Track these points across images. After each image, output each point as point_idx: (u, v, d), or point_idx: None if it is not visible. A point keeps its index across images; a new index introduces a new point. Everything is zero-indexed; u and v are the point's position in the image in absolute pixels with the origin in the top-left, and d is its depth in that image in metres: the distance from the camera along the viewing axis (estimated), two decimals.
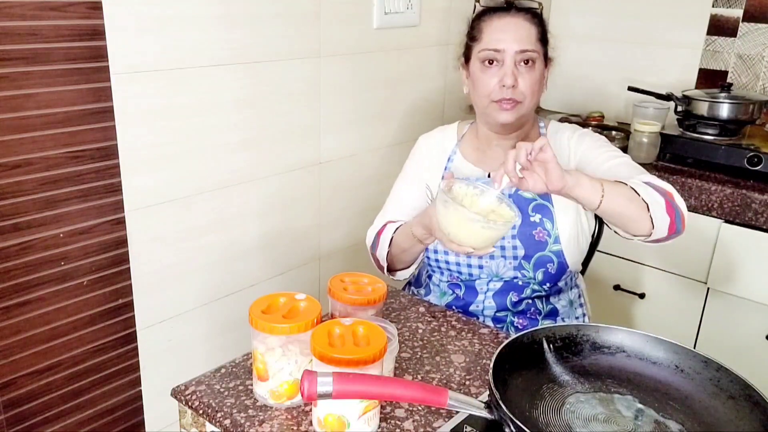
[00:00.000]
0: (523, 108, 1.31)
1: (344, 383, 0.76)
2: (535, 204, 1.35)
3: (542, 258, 1.34)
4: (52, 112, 1.25)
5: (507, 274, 1.36)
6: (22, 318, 1.30)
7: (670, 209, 1.18)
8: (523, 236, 1.34)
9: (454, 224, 1.08)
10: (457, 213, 1.06)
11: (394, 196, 1.51)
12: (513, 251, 1.35)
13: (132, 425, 1.56)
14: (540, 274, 1.35)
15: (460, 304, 1.41)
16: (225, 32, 1.48)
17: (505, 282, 1.37)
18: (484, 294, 1.39)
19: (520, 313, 1.39)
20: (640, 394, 0.88)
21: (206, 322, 1.64)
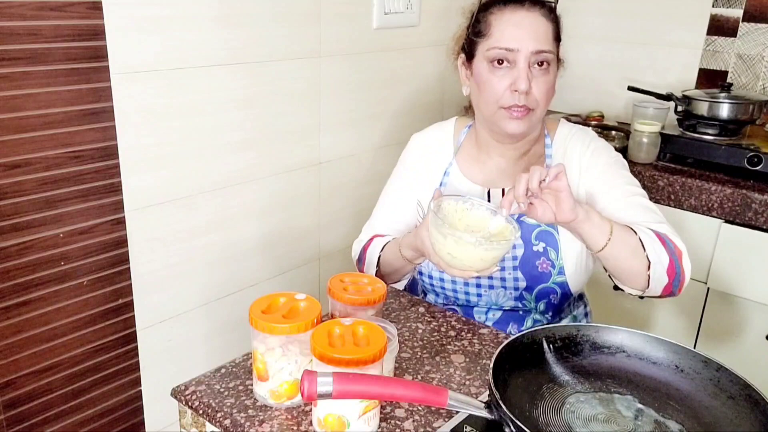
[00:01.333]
0: (535, 116, 1.18)
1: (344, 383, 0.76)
2: (539, 231, 1.24)
3: (545, 290, 1.25)
4: (52, 112, 1.25)
5: (507, 304, 1.28)
6: (22, 318, 1.30)
7: (671, 270, 1.10)
8: (525, 267, 1.24)
9: (453, 249, 1.02)
10: (455, 237, 1.01)
11: (382, 207, 1.39)
12: (514, 282, 1.25)
13: (132, 425, 1.56)
14: (542, 305, 1.27)
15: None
16: (225, 32, 1.48)
17: (505, 312, 1.29)
18: (483, 324, 1.33)
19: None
20: (640, 394, 0.88)
21: (206, 322, 1.64)
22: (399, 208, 1.36)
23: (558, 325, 0.96)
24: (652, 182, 1.82)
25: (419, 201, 1.34)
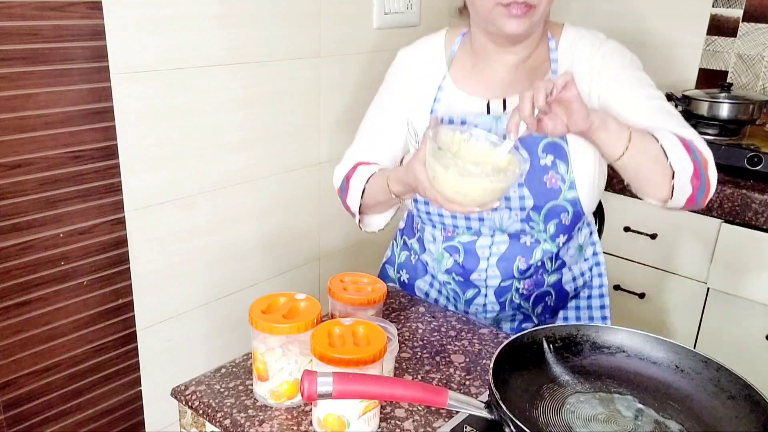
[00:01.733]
0: (536, 15, 1.07)
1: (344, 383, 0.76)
2: (545, 143, 1.12)
3: (555, 208, 1.13)
4: (52, 112, 1.25)
5: (512, 228, 1.16)
6: (22, 318, 1.30)
7: (696, 179, 1.02)
8: (531, 183, 1.12)
9: (455, 182, 0.93)
10: (458, 168, 0.91)
11: (367, 129, 1.26)
12: (520, 201, 1.14)
13: (132, 425, 1.56)
14: (552, 226, 1.15)
15: (459, 272, 1.23)
16: (225, 32, 1.48)
17: (511, 240, 1.18)
18: (487, 261, 1.20)
19: (526, 277, 1.22)
20: (640, 394, 0.88)
21: (206, 322, 1.64)
22: (386, 131, 1.24)
23: (558, 325, 0.96)
24: None
25: (410, 121, 1.22)
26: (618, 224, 1.91)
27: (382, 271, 1.44)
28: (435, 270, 1.28)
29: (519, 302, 1.25)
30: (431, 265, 1.28)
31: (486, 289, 1.23)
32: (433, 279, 1.31)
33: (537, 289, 1.23)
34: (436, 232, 1.24)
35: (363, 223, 1.27)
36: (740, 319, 1.77)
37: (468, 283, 1.24)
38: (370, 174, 1.18)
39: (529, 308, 1.26)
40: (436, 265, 1.27)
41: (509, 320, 1.29)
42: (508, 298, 1.24)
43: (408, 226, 1.36)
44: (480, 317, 1.28)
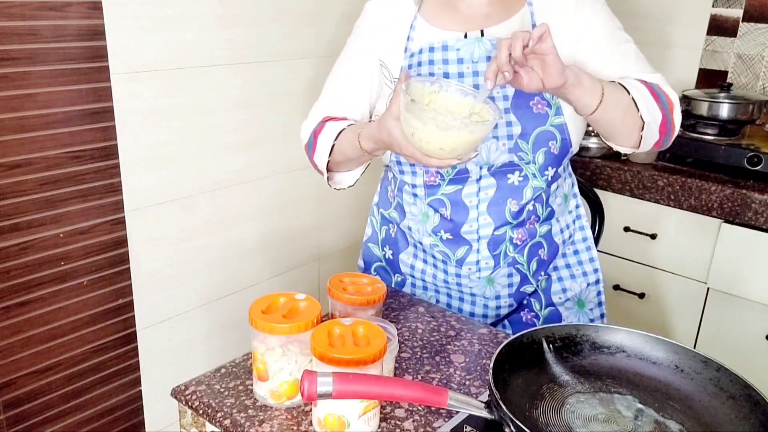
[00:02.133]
0: None
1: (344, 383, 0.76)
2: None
3: (543, 134, 1.12)
4: (52, 112, 1.25)
5: (500, 159, 1.13)
6: (22, 318, 1.30)
7: (663, 127, 1.06)
8: (518, 109, 1.11)
9: (434, 136, 0.91)
10: (436, 121, 0.90)
11: (334, 82, 1.23)
12: (507, 129, 1.12)
13: (132, 425, 1.56)
14: (541, 155, 1.13)
15: (449, 227, 1.18)
16: (225, 32, 1.48)
17: (498, 182, 1.14)
18: (477, 209, 1.16)
19: (520, 224, 1.18)
20: (640, 394, 0.88)
21: (206, 322, 1.64)
22: (355, 81, 1.20)
23: (558, 325, 0.96)
24: (652, 182, 1.82)
25: (383, 62, 1.19)
26: (618, 224, 1.91)
27: (366, 251, 1.37)
28: (419, 234, 1.23)
29: (513, 255, 1.20)
30: (415, 229, 1.23)
31: (478, 243, 1.18)
32: (416, 248, 1.26)
33: (530, 239, 1.20)
34: (418, 189, 1.19)
35: (332, 180, 1.23)
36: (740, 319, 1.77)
37: (458, 239, 1.18)
38: (340, 130, 1.15)
39: (524, 262, 1.22)
40: (420, 227, 1.22)
41: (506, 280, 1.22)
42: (502, 251, 1.19)
43: (383, 197, 1.32)
44: (473, 278, 1.22)
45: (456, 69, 1.13)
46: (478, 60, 1.12)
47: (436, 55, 1.14)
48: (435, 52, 1.14)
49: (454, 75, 1.12)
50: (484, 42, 1.13)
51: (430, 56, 1.14)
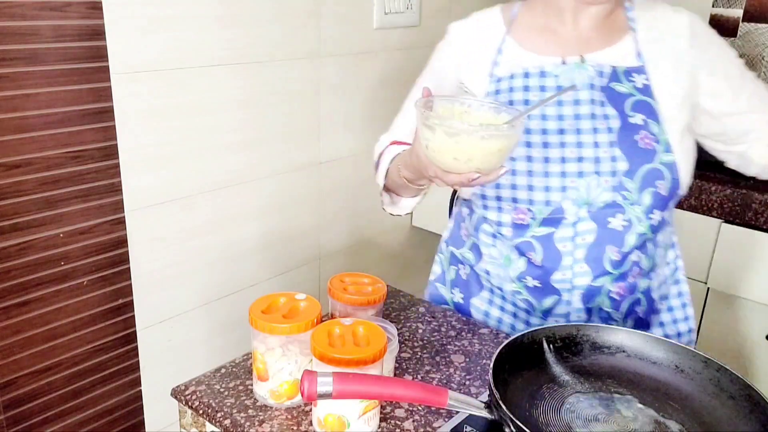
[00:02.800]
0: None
1: (344, 383, 0.76)
2: (633, 101, 1.03)
3: (651, 172, 1.01)
4: (52, 112, 1.25)
5: (601, 199, 1.01)
6: (22, 318, 1.30)
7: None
8: (623, 143, 1.01)
9: (445, 144, 0.85)
10: (444, 127, 0.84)
11: (405, 106, 1.20)
12: (611, 164, 1.01)
13: (132, 425, 1.56)
14: (647, 196, 1.01)
15: (537, 274, 1.06)
16: (225, 32, 1.48)
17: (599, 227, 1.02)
18: (572, 255, 1.03)
19: (621, 276, 1.06)
20: (640, 394, 0.88)
21: (206, 322, 1.64)
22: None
23: (558, 325, 0.96)
24: None
25: (463, 83, 1.11)
26: None
27: (432, 291, 1.29)
28: (500, 279, 1.12)
29: (609, 311, 1.08)
30: (494, 274, 1.12)
31: (570, 294, 1.06)
32: (493, 294, 1.15)
33: (630, 294, 1.07)
34: (503, 228, 1.07)
35: (394, 204, 1.17)
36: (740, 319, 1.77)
37: (547, 288, 1.06)
38: (395, 155, 1.10)
39: (619, 319, 1.10)
40: (501, 272, 1.11)
41: None
42: (596, 305, 1.07)
43: (454, 234, 1.22)
44: None
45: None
46: (581, 87, 1.03)
47: (532, 81, 1.05)
48: (530, 78, 1.05)
49: (553, 103, 1.04)
50: (586, 68, 1.04)
51: (525, 82, 1.05)
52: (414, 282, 2.30)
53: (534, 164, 1.03)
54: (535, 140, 1.03)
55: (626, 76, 1.04)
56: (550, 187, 1.02)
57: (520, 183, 1.03)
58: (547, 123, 1.03)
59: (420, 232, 2.22)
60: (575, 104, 1.03)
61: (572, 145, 1.02)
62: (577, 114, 1.03)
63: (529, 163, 1.03)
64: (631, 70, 1.04)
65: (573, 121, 1.03)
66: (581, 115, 1.03)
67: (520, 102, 1.05)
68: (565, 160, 1.02)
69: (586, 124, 1.02)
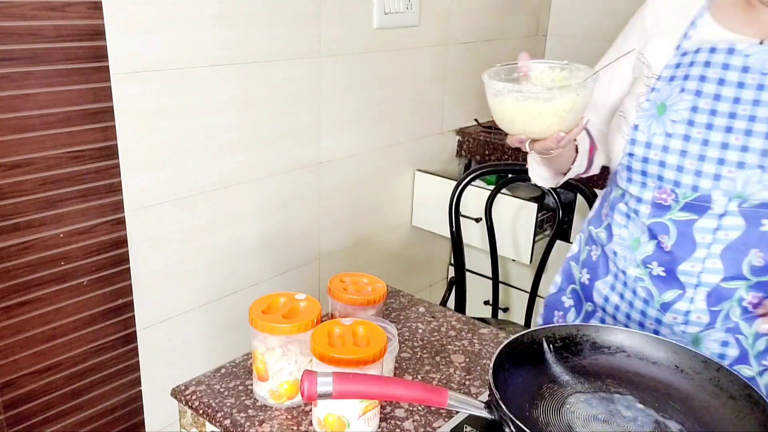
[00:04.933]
0: None
1: (344, 383, 0.76)
2: None
3: None
4: (52, 112, 1.25)
5: (759, 195, 0.91)
6: (22, 318, 1.30)
7: None
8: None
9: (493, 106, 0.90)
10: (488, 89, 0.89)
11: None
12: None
13: (132, 425, 1.56)
14: None
15: (665, 260, 0.99)
16: (225, 32, 1.48)
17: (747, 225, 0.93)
18: (707, 249, 0.95)
19: (761, 286, 0.95)
20: (640, 394, 0.88)
21: (206, 322, 1.64)
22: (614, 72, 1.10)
23: (558, 326, 0.96)
24: None
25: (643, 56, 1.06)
26: None
27: (566, 269, 1.23)
28: (625, 262, 1.05)
29: (738, 321, 0.97)
30: (620, 256, 1.06)
31: (695, 291, 0.97)
32: (616, 279, 1.09)
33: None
34: (642, 205, 1.01)
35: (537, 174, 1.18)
36: None
37: (671, 279, 0.99)
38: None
39: (750, 336, 0.98)
40: (628, 254, 1.04)
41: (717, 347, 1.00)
42: (724, 310, 0.97)
43: (597, 213, 1.17)
44: (676, 330, 1.02)
45: (737, 77, 0.95)
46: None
47: (717, 58, 0.96)
48: (716, 54, 0.97)
49: (732, 83, 0.95)
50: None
51: (709, 57, 0.97)
52: (414, 282, 2.30)
53: (690, 144, 0.96)
54: (699, 119, 0.96)
55: None
56: (702, 172, 0.95)
57: (670, 161, 0.97)
58: (719, 103, 0.95)
59: (420, 232, 2.22)
60: (758, 89, 0.94)
61: (740, 132, 0.93)
62: (757, 100, 0.93)
63: (685, 142, 0.96)
64: None
65: (749, 107, 0.93)
66: (761, 101, 0.93)
67: (695, 79, 0.97)
68: (728, 147, 0.93)
69: (763, 112, 0.93)
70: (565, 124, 0.89)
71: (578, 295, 1.19)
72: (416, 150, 2.10)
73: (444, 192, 1.94)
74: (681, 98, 0.97)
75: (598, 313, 1.14)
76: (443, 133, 2.18)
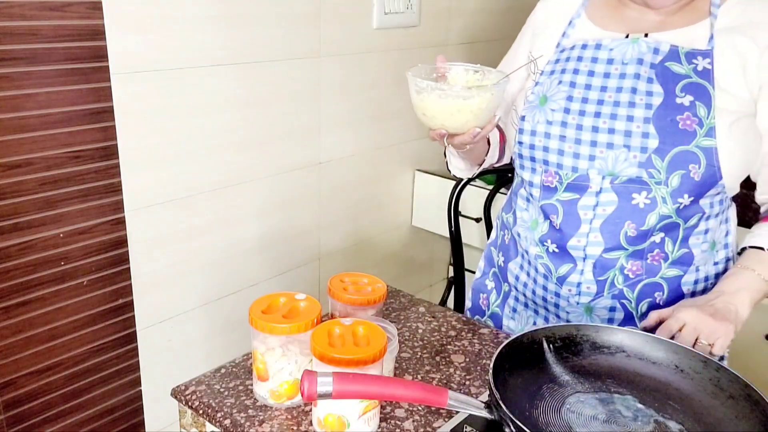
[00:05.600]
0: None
1: (344, 383, 0.76)
2: (687, 83, 1.02)
3: (683, 154, 1.00)
4: (52, 112, 1.25)
5: (627, 172, 1.03)
6: (22, 318, 1.30)
7: None
8: (660, 121, 1.01)
9: (414, 101, 1.00)
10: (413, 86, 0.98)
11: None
12: (642, 140, 1.02)
13: (132, 425, 1.56)
14: (675, 178, 1.01)
15: (556, 237, 1.10)
16: (225, 32, 1.48)
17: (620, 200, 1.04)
18: (590, 224, 1.06)
19: (637, 254, 1.07)
20: (640, 394, 0.88)
21: (206, 322, 1.64)
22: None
23: (558, 325, 0.96)
24: None
25: (531, 54, 1.18)
26: None
27: (487, 254, 1.34)
28: (527, 242, 1.17)
29: (622, 288, 1.09)
30: (523, 236, 1.17)
31: (584, 263, 1.08)
32: (523, 259, 1.20)
33: (648, 276, 1.08)
34: (534, 189, 1.13)
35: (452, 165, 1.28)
36: None
37: (563, 254, 1.10)
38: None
39: (632, 300, 1.10)
40: (528, 234, 1.16)
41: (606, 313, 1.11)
42: (609, 278, 1.08)
43: (507, 200, 1.28)
44: (571, 302, 1.12)
45: (603, 69, 1.08)
46: (629, 62, 1.06)
47: (587, 53, 1.10)
48: (586, 50, 1.10)
49: (600, 74, 1.08)
50: (640, 43, 1.06)
51: (580, 53, 1.11)
52: (414, 282, 2.30)
53: (567, 130, 1.07)
54: (573, 107, 1.08)
55: (688, 57, 1.04)
56: (579, 154, 1.06)
57: (552, 146, 1.09)
58: (589, 92, 1.08)
59: (420, 232, 2.22)
60: (620, 77, 1.06)
61: (606, 116, 1.05)
62: (620, 87, 1.06)
63: (563, 128, 1.08)
64: (696, 52, 1.04)
65: (614, 94, 1.06)
66: (623, 88, 1.05)
67: (570, 72, 1.10)
68: (597, 130, 1.05)
69: (625, 97, 1.05)
70: (479, 121, 0.98)
71: (498, 278, 1.30)
72: (416, 150, 2.10)
73: (444, 192, 1.94)
74: (558, 89, 1.10)
75: (513, 292, 1.25)
76: None
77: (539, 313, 1.21)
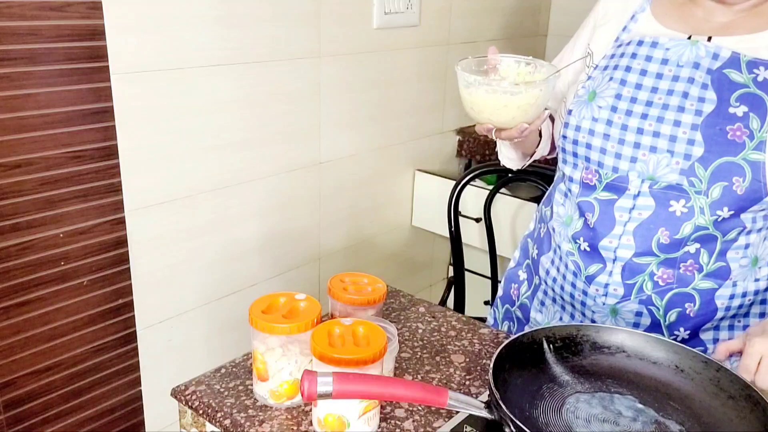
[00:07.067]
0: None
1: (344, 383, 0.76)
2: (743, 93, 0.98)
3: (728, 166, 0.96)
4: (52, 112, 1.25)
5: (667, 177, 1.00)
6: (22, 318, 1.30)
7: None
8: (708, 128, 0.97)
9: (463, 95, 1.00)
10: (461, 80, 0.99)
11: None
12: (687, 147, 0.98)
13: (132, 425, 1.56)
14: (717, 189, 0.98)
15: (589, 236, 1.08)
16: (225, 32, 1.48)
17: (657, 206, 1.01)
18: (623, 226, 1.04)
19: (669, 262, 1.04)
20: (640, 394, 0.88)
21: (206, 322, 1.64)
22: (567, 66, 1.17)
23: (558, 325, 0.96)
24: None
25: (589, 47, 1.14)
26: None
27: (523, 245, 1.32)
28: (560, 238, 1.14)
29: (650, 294, 1.05)
30: (557, 232, 1.15)
31: (613, 264, 1.06)
32: (555, 254, 1.17)
33: (678, 286, 1.04)
34: (573, 185, 1.11)
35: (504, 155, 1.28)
36: None
37: (594, 254, 1.08)
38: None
39: (660, 307, 1.06)
40: (563, 230, 1.13)
41: (632, 317, 1.08)
42: (638, 283, 1.05)
43: (548, 194, 1.25)
44: (598, 302, 1.09)
45: (656, 69, 1.04)
46: (684, 65, 1.02)
47: (642, 50, 1.06)
48: (642, 47, 1.07)
49: (652, 74, 1.04)
50: (699, 46, 1.02)
51: (636, 49, 1.07)
52: (414, 282, 2.30)
53: (612, 129, 1.05)
54: (621, 106, 1.05)
55: (750, 66, 0.99)
56: (621, 155, 1.04)
57: (595, 144, 1.07)
58: (639, 92, 1.05)
59: (420, 232, 2.22)
60: (673, 80, 1.03)
61: (653, 119, 1.02)
62: (671, 90, 1.02)
63: (608, 126, 1.05)
64: (759, 62, 0.99)
65: (664, 96, 1.03)
66: (674, 91, 1.02)
67: (622, 69, 1.07)
68: (642, 132, 1.02)
69: (675, 101, 1.01)
70: (527, 116, 0.99)
71: (530, 269, 1.28)
72: (416, 150, 2.10)
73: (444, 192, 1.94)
74: (608, 86, 1.07)
75: (542, 285, 1.22)
76: (443, 133, 2.18)
77: (566, 309, 1.18)
